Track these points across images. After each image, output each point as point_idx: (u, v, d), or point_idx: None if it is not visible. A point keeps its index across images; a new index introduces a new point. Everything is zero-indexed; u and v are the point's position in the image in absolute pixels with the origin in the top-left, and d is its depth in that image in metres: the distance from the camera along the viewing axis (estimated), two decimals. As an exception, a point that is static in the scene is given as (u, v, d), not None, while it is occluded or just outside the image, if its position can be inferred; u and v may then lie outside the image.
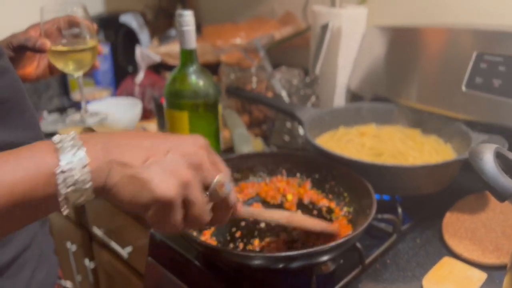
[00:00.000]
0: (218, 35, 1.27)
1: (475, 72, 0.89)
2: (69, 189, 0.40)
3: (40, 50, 0.73)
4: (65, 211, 0.41)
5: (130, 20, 1.36)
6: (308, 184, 0.82)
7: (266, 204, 0.79)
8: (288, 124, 1.08)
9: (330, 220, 0.75)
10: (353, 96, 1.14)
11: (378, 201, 0.70)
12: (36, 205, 0.40)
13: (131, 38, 1.41)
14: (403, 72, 1.01)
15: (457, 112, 0.90)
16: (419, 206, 0.83)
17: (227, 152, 1.05)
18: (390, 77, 1.04)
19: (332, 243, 0.59)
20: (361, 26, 1.10)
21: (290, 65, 1.16)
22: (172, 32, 1.34)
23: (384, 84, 1.05)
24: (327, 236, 0.66)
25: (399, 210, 0.77)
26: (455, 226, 0.77)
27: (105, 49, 1.36)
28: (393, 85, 1.03)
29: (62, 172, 0.40)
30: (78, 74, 0.85)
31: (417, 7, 1.10)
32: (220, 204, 0.48)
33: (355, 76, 1.10)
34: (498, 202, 0.50)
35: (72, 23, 0.79)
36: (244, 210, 0.56)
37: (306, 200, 0.80)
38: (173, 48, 1.28)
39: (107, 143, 0.43)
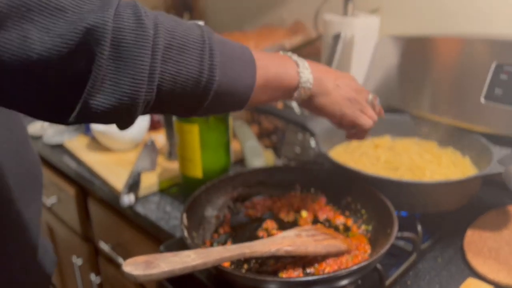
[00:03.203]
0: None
1: (494, 83, 0.86)
2: (303, 84, 0.59)
3: None
4: (300, 97, 0.61)
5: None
6: (323, 200, 0.80)
7: (279, 221, 0.76)
8: (300, 136, 1.05)
9: (348, 237, 0.71)
10: (366, 107, 1.11)
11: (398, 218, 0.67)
12: (279, 87, 0.58)
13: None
14: (418, 82, 0.98)
15: (476, 124, 0.87)
16: (439, 223, 0.80)
17: (237, 165, 1.02)
18: (404, 88, 1.01)
19: (354, 267, 0.56)
20: (373, 35, 1.07)
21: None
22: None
23: (398, 94, 1.02)
24: (338, 253, 0.64)
25: (419, 227, 0.74)
26: (478, 244, 0.74)
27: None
28: (407, 96, 1.00)
29: (301, 72, 0.59)
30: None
31: (431, 16, 1.08)
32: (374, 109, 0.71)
33: (368, 87, 1.07)
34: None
35: None
36: (244, 251, 0.59)
37: (321, 217, 0.76)
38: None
39: (313, 64, 0.62)
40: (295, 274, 0.62)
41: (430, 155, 0.90)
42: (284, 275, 0.62)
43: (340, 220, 0.75)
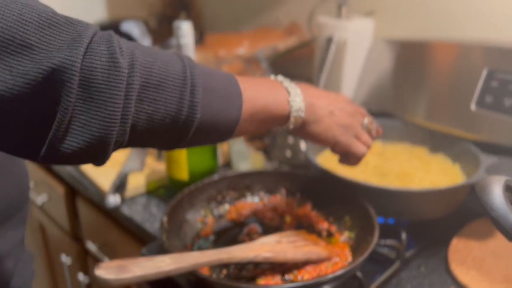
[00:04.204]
0: (221, 44, 1.24)
1: (485, 90, 0.85)
2: (294, 113, 0.57)
3: None
4: (291, 126, 0.58)
5: (131, 27, 1.33)
6: (308, 205, 0.79)
7: (263, 225, 0.76)
8: (290, 139, 1.04)
9: (329, 244, 0.71)
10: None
11: (382, 225, 0.67)
12: (268, 118, 0.55)
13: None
14: (410, 87, 0.97)
15: (466, 132, 0.86)
16: (425, 230, 0.79)
17: (226, 168, 1.01)
18: (397, 92, 1.00)
19: (329, 275, 0.55)
20: (367, 38, 1.06)
21: (294, 77, 1.12)
22: (173, 40, 1.31)
23: (391, 99, 1.02)
24: (319, 260, 0.63)
25: (403, 236, 0.72)
26: (463, 253, 0.73)
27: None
28: (400, 101, 0.99)
29: (292, 101, 0.56)
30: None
31: (427, 20, 1.07)
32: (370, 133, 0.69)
33: (361, 91, 1.06)
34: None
35: None
36: (220, 256, 0.58)
37: (306, 223, 0.76)
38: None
39: (306, 89, 0.60)
40: (273, 281, 0.61)
41: (419, 161, 0.89)
42: (262, 281, 0.61)
43: (323, 226, 0.75)
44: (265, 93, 0.55)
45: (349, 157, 0.66)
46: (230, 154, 0.92)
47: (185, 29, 0.79)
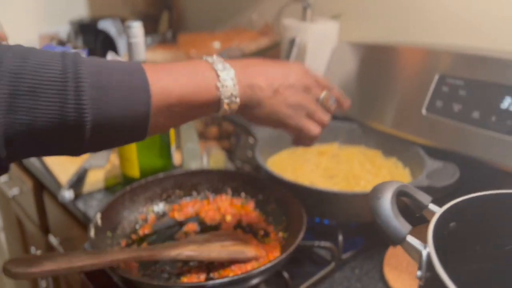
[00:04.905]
0: (193, 44, 1.25)
1: (436, 95, 0.85)
2: (225, 100, 0.52)
3: None
4: (221, 113, 0.53)
5: (108, 26, 1.35)
6: (251, 204, 0.80)
7: (203, 225, 0.76)
8: (251, 139, 1.05)
9: (263, 243, 0.71)
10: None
11: (322, 227, 0.68)
12: (191, 108, 0.50)
13: (113, 45, 1.40)
14: (369, 91, 0.98)
15: (417, 136, 0.86)
16: (369, 233, 0.79)
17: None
18: (357, 96, 1.00)
19: (242, 274, 0.56)
20: (331, 41, 1.06)
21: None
22: (148, 39, 1.33)
23: (353, 102, 1.02)
24: (245, 260, 0.64)
25: (340, 237, 0.73)
26: (399, 257, 0.73)
27: (82, 54, 1.35)
28: (359, 105, 0.99)
29: (222, 86, 0.51)
30: None
31: (394, 24, 1.06)
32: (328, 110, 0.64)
33: (323, 93, 1.07)
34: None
35: None
36: (141, 253, 0.58)
37: (245, 222, 0.77)
38: (147, 55, 1.26)
39: (245, 68, 0.54)
40: (197, 279, 0.62)
41: (371, 165, 0.89)
42: (186, 279, 0.62)
43: (261, 225, 0.75)
44: (185, 80, 0.50)
45: (301, 138, 0.64)
46: (182, 153, 0.93)
47: (136, 30, 0.80)
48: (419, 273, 0.43)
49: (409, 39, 1.05)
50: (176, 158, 0.94)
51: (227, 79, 0.52)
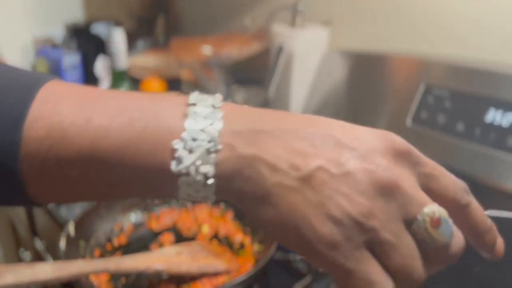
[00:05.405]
0: (184, 48, 1.25)
1: (422, 106, 0.83)
2: (184, 175, 0.27)
3: None
4: (181, 197, 0.29)
5: (101, 29, 1.35)
6: (230, 215, 0.79)
7: (179, 236, 0.76)
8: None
9: (238, 256, 0.70)
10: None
11: None
12: (114, 173, 0.28)
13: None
14: (356, 101, 0.96)
15: (402, 147, 0.85)
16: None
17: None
18: (344, 106, 0.99)
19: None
20: (320, 49, 1.05)
21: (260, 83, 1.12)
22: (140, 43, 1.32)
23: (342, 111, 1.01)
24: (216, 274, 0.63)
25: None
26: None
27: (75, 58, 1.35)
28: (345, 115, 0.98)
29: (184, 145, 0.27)
30: None
31: (385, 32, 1.05)
32: (435, 251, 0.29)
33: (312, 101, 1.06)
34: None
35: None
36: (108, 266, 0.56)
37: (222, 233, 0.76)
38: (139, 60, 1.26)
39: (256, 122, 0.29)
40: (166, 292, 0.62)
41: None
42: (155, 292, 0.62)
43: (238, 237, 0.74)
44: (113, 120, 0.28)
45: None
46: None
47: (117, 36, 0.80)
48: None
49: (400, 47, 1.03)
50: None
51: (199, 134, 0.27)
